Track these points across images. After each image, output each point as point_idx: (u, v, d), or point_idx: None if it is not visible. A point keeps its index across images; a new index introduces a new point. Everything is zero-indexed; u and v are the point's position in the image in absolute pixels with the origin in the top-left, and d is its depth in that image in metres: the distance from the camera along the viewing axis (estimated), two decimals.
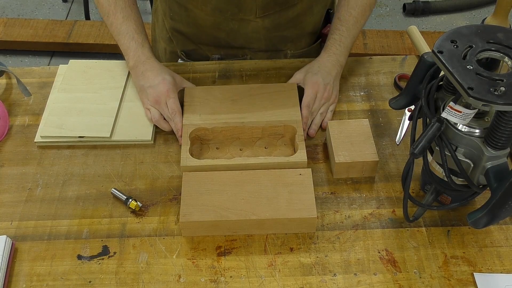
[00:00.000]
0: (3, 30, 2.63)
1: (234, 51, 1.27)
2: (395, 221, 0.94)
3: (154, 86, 1.06)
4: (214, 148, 1.06)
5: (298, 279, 0.87)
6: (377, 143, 1.06)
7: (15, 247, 0.92)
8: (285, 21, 1.21)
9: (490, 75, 0.72)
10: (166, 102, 1.05)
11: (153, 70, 1.07)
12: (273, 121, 1.05)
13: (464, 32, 0.79)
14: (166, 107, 1.05)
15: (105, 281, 0.88)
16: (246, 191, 0.93)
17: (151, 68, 1.07)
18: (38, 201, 0.99)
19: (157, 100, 1.05)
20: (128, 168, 1.03)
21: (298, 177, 0.95)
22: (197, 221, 0.90)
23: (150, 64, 1.08)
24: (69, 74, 1.18)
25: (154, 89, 1.06)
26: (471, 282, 0.86)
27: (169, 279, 0.88)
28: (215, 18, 1.19)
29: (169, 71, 1.09)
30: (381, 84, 1.18)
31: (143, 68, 1.08)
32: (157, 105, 1.06)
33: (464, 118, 0.76)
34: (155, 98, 1.05)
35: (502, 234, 0.92)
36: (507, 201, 0.74)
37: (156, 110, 1.06)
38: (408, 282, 0.87)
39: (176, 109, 1.04)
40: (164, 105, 1.05)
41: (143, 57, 1.08)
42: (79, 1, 2.89)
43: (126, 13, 1.10)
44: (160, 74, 1.07)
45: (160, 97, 1.05)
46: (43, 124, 1.09)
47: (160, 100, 1.05)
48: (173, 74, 1.09)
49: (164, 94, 1.04)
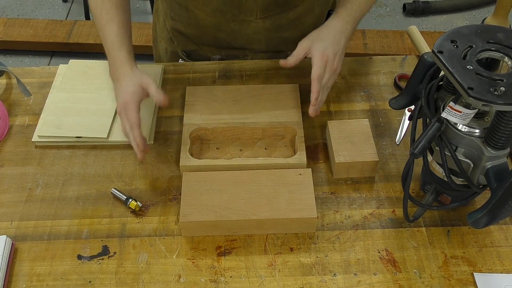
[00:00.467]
0: (3, 30, 2.63)
1: (234, 52, 1.27)
2: (395, 221, 0.94)
3: (117, 96, 1.01)
4: (214, 148, 1.06)
5: (298, 279, 0.87)
6: (377, 143, 1.06)
7: (15, 247, 0.92)
8: (286, 22, 1.21)
9: (490, 75, 0.72)
10: (126, 114, 0.98)
11: (121, 79, 1.01)
12: (274, 122, 1.05)
13: (464, 32, 0.79)
14: (125, 119, 0.98)
15: (105, 281, 0.88)
16: (246, 191, 0.93)
17: (121, 75, 1.01)
18: (38, 201, 0.99)
19: (119, 112, 0.99)
20: (128, 168, 1.03)
21: (298, 177, 0.95)
22: (197, 221, 0.90)
23: (121, 71, 1.02)
24: (69, 74, 1.18)
25: (118, 100, 1.00)
26: (471, 282, 0.86)
27: (169, 279, 0.88)
28: (216, 19, 1.19)
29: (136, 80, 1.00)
30: (381, 84, 1.18)
31: (115, 76, 1.03)
32: (120, 118, 1.00)
33: (464, 118, 0.76)
34: (118, 109, 1.00)
35: (502, 234, 0.92)
36: (507, 201, 0.74)
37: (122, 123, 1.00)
38: (408, 282, 0.87)
39: (133, 121, 0.96)
40: (124, 117, 0.98)
41: (118, 62, 1.03)
42: (79, 1, 2.89)
43: (110, 15, 1.05)
44: (125, 84, 1.00)
45: (121, 109, 0.98)
46: (41, 124, 1.09)
47: (121, 112, 0.99)
48: (140, 80, 1.00)
49: (124, 106, 0.97)
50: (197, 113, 1.07)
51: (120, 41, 1.04)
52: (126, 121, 0.97)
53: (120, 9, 1.06)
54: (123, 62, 1.02)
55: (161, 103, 0.99)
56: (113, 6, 1.06)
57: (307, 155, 1.00)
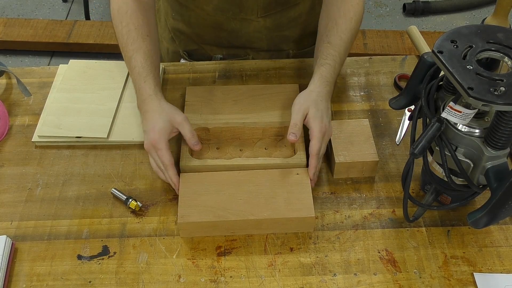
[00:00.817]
0: (3, 30, 2.63)
1: (236, 51, 1.27)
2: (395, 221, 0.94)
3: (146, 132, 0.97)
4: (214, 148, 1.06)
5: (298, 279, 0.87)
6: (377, 143, 1.06)
7: (15, 247, 0.92)
8: (286, 21, 1.21)
9: (490, 75, 0.72)
10: (156, 153, 0.96)
11: (149, 112, 0.98)
12: (274, 122, 1.05)
13: (464, 32, 0.79)
14: (157, 157, 0.96)
15: (105, 281, 0.88)
16: (244, 191, 0.93)
17: (149, 109, 0.98)
18: (38, 201, 0.99)
19: (147, 149, 0.97)
20: (128, 168, 1.03)
21: (296, 176, 0.95)
22: (195, 222, 0.90)
23: (149, 104, 0.98)
24: (68, 74, 1.18)
25: (146, 136, 0.97)
26: (471, 282, 0.86)
27: (169, 279, 0.88)
28: (217, 18, 1.19)
29: (165, 116, 0.97)
30: (381, 84, 1.18)
31: (143, 109, 0.99)
32: (149, 154, 0.98)
33: (464, 118, 0.76)
34: (146, 147, 0.97)
35: (502, 234, 0.92)
36: (507, 201, 0.74)
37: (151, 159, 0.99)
38: (408, 282, 0.87)
39: (166, 162, 0.94)
40: (155, 155, 0.96)
41: (145, 94, 0.99)
42: (79, 1, 2.89)
43: (136, 45, 1.02)
44: (153, 119, 0.96)
45: (150, 147, 0.96)
46: (41, 124, 1.09)
47: (150, 150, 0.96)
48: (171, 116, 0.97)
49: (152, 145, 0.95)
50: (197, 113, 1.07)
51: (146, 72, 1.00)
52: (158, 159, 0.96)
53: (146, 38, 1.03)
54: (150, 94, 0.99)
55: (194, 148, 0.98)
56: (139, 36, 1.02)
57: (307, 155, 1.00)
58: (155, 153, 0.95)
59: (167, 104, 0.99)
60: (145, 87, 0.99)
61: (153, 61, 1.02)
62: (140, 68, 1.00)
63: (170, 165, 0.94)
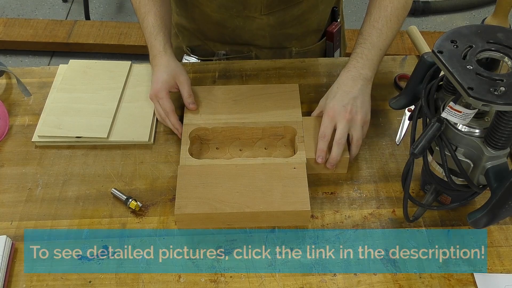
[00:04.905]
0: (3, 30, 2.63)
1: (239, 48, 1.28)
2: (395, 221, 0.94)
3: (151, 83, 1.07)
4: (214, 148, 1.06)
5: (298, 279, 0.87)
6: (377, 143, 1.06)
7: (15, 247, 0.92)
8: (290, 18, 1.22)
9: (490, 75, 0.72)
10: (158, 101, 1.06)
11: (157, 66, 1.07)
12: (274, 122, 1.05)
13: (464, 32, 0.79)
14: (159, 106, 1.06)
15: (105, 281, 0.88)
16: (240, 184, 0.94)
17: (158, 64, 1.07)
18: (38, 201, 0.99)
19: (151, 98, 1.07)
20: (128, 168, 1.03)
21: (292, 171, 0.96)
22: (192, 213, 0.91)
23: (159, 59, 1.07)
24: (68, 74, 1.18)
25: (151, 87, 1.07)
26: (471, 282, 0.86)
27: (169, 279, 0.88)
28: (221, 14, 1.20)
29: (170, 71, 1.06)
30: (381, 84, 1.18)
31: (153, 64, 1.08)
32: (153, 102, 1.08)
33: (464, 118, 0.76)
34: (150, 96, 1.07)
35: (502, 234, 0.92)
36: (507, 201, 0.74)
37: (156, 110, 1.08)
38: (408, 282, 0.87)
39: (168, 109, 1.04)
40: (157, 104, 1.06)
41: (155, 50, 1.08)
42: (79, 1, 2.89)
43: (147, 8, 1.10)
44: (159, 72, 1.06)
45: (153, 96, 1.06)
46: (41, 124, 1.09)
47: (153, 99, 1.06)
48: (175, 73, 1.06)
49: (155, 94, 1.05)
50: (197, 113, 1.07)
51: (157, 30, 1.09)
52: (160, 108, 1.05)
53: (156, 2, 1.11)
54: (160, 50, 1.07)
55: (189, 107, 1.07)
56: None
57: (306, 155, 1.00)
58: (158, 102, 1.05)
59: (175, 62, 1.08)
60: (155, 44, 1.08)
61: (163, 21, 1.11)
62: (151, 27, 1.09)
63: (171, 111, 1.04)
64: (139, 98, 1.13)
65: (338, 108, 0.97)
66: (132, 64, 1.21)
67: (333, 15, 1.30)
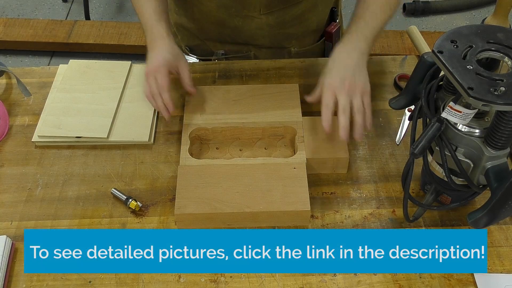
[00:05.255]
0: (3, 30, 2.63)
1: (238, 47, 1.28)
2: (395, 221, 0.94)
3: (150, 59, 1.04)
4: (214, 148, 1.06)
5: (298, 279, 0.87)
6: (377, 143, 1.06)
7: (15, 247, 0.92)
8: (289, 18, 1.22)
9: (490, 75, 0.72)
10: (155, 77, 1.01)
11: (159, 47, 1.04)
12: (274, 122, 1.05)
13: (464, 32, 0.79)
14: (154, 82, 1.01)
15: (105, 281, 0.88)
16: (241, 184, 0.94)
17: (160, 45, 1.05)
18: (38, 201, 0.99)
19: (148, 73, 1.02)
20: (128, 168, 1.03)
21: (292, 171, 0.96)
22: (192, 213, 0.91)
23: (161, 42, 1.05)
24: (68, 74, 1.18)
25: (150, 62, 1.03)
26: (471, 282, 0.86)
27: (169, 279, 0.88)
28: (220, 14, 1.20)
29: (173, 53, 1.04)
30: (381, 84, 1.18)
31: (153, 44, 1.05)
32: (147, 79, 1.03)
33: (464, 118, 0.76)
34: (147, 70, 1.02)
35: (502, 234, 0.92)
36: (507, 201, 0.74)
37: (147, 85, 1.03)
38: (408, 282, 0.87)
39: (164, 84, 1.00)
40: (153, 80, 1.01)
41: (157, 33, 1.05)
42: (79, 1, 2.89)
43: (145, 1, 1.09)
44: (162, 49, 1.04)
45: (151, 71, 1.02)
46: (41, 124, 1.09)
47: (150, 74, 1.02)
48: (177, 56, 1.05)
49: (154, 69, 1.01)
50: (197, 113, 1.07)
51: (158, 16, 1.06)
52: (154, 84, 1.01)
53: None
54: (163, 35, 1.05)
55: (188, 88, 1.06)
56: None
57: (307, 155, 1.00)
58: (154, 77, 1.01)
59: (178, 48, 1.07)
60: (158, 27, 1.05)
61: (162, 10, 1.08)
62: (151, 12, 1.07)
63: (167, 88, 1.01)
64: (139, 98, 1.13)
65: (336, 82, 0.95)
66: (132, 64, 1.22)
67: (332, 16, 1.30)
